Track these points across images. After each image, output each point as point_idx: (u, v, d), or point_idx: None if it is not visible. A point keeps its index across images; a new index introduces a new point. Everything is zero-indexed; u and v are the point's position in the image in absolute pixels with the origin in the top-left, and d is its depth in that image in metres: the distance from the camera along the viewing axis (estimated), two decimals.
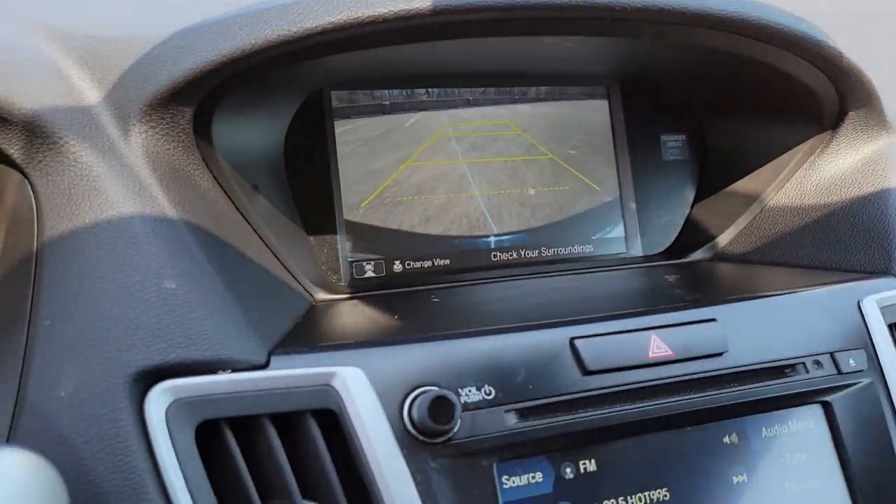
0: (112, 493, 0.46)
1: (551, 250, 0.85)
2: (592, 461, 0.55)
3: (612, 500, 0.55)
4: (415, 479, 0.50)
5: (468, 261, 0.82)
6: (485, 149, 0.84)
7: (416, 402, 0.52)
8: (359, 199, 0.79)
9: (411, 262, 0.80)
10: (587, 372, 0.56)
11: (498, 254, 0.83)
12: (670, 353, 0.58)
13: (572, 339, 0.57)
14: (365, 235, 0.79)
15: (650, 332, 0.59)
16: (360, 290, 0.75)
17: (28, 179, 0.55)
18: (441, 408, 0.50)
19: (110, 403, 0.48)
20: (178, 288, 0.52)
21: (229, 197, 0.65)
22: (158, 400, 0.49)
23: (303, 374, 0.52)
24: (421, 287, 0.76)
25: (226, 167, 0.65)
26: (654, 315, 0.60)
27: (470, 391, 0.54)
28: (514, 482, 0.53)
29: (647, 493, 0.56)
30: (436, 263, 0.81)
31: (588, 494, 0.54)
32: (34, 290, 0.52)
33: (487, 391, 0.54)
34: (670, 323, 0.60)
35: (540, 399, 0.55)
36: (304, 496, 0.50)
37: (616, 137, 0.89)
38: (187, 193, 0.59)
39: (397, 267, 0.80)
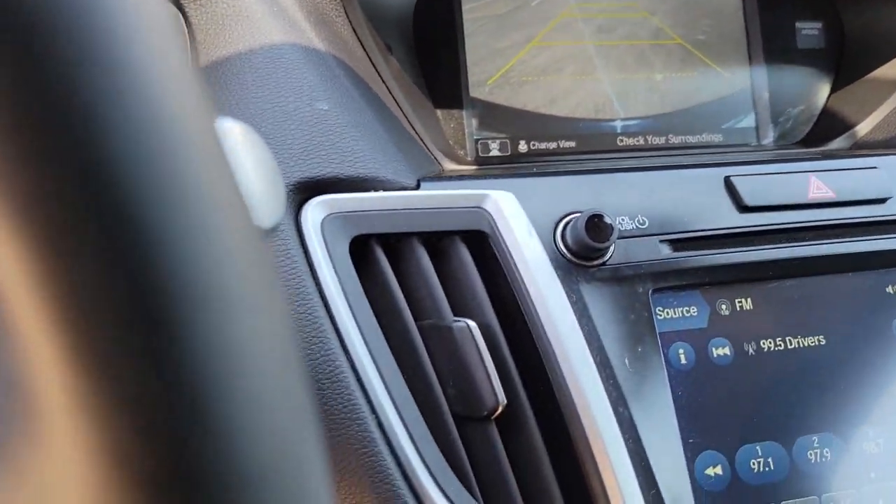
0: None
1: (679, 138, 0.82)
2: (748, 300, 0.53)
3: (768, 341, 0.53)
4: (570, 300, 0.49)
5: (594, 144, 0.80)
6: (612, 31, 0.82)
7: (571, 224, 0.50)
8: (485, 77, 0.78)
9: (536, 143, 0.79)
10: (744, 208, 0.54)
11: (624, 138, 0.81)
12: (831, 194, 0.55)
13: (728, 176, 0.55)
14: (491, 114, 0.78)
15: (809, 174, 0.56)
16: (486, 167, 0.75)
17: (182, 11, 0.56)
18: (598, 226, 0.49)
19: None
20: (330, 110, 0.52)
21: (365, 50, 0.64)
22: (314, 212, 0.49)
23: (454, 194, 0.51)
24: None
25: (362, 19, 0.65)
26: (813, 161, 0.57)
27: (623, 220, 0.52)
28: (668, 314, 0.51)
29: (802, 339, 0.54)
30: (561, 145, 0.79)
31: (742, 332, 0.52)
32: None
33: (641, 221, 0.52)
34: (830, 168, 0.57)
35: (695, 232, 0.53)
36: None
37: (748, 23, 0.85)
38: (330, 35, 0.59)
39: (522, 147, 0.78)
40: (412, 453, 0.45)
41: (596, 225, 0.49)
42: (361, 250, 0.50)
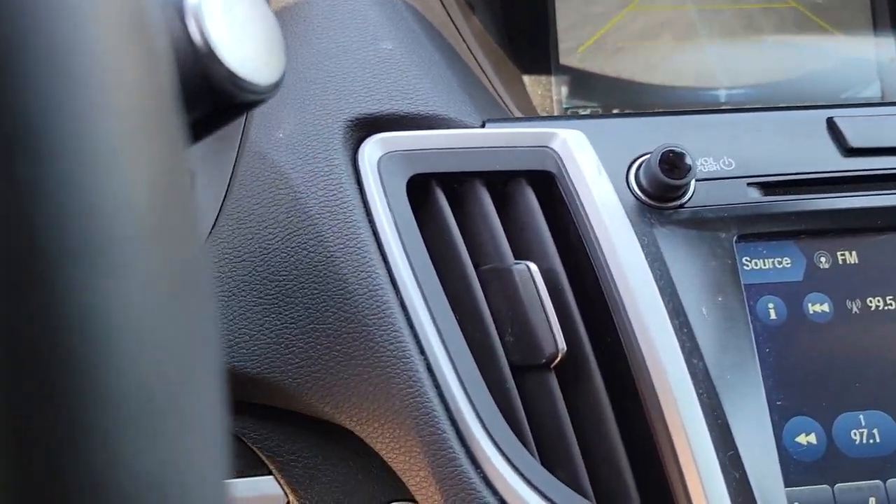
0: (326, 229, 0.45)
1: None
2: (853, 253, 0.47)
3: (876, 299, 0.46)
4: (641, 243, 0.45)
5: None
6: None
7: (645, 163, 0.46)
8: (576, 44, 0.74)
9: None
10: (849, 151, 0.48)
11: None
12: None
13: (831, 117, 0.49)
14: (581, 82, 0.74)
15: None
16: None
17: None
18: (673, 161, 0.44)
19: (326, 143, 0.47)
20: (394, 49, 0.51)
21: (444, 7, 0.63)
22: (372, 150, 0.47)
23: (520, 133, 0.48)
24: None
25: None
26: None
27: (706, 161, 0.47)
28: (756, 264, 0.46)
29: None
30: None
31: (845, 288, 0.46)
32: None
33: (727, 162, 0.47)
34: None
35: (790, 175, 0.47)
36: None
37: None
38: None
39: None
40: (460, 396, 0.42)
41: (671, 160, 0.44)
42: (421, 193, 0.48)
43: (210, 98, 0.27)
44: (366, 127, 0.48)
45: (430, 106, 0.49)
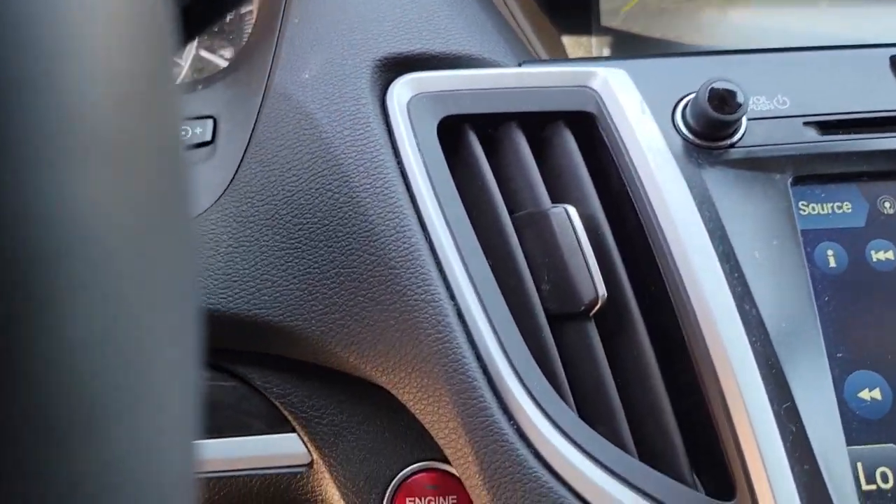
0: (352, 169, 0.43)
1: None
2: None
3: None
4: (689, 184, 0.42)
5: None
6: None
7: (692, 100, 0.43)
8: (619, 4, 0.71)
9: None
10: None
11: None
12: None
13: (894, 56, 0.45)
14: (623, 43, 0.71)
15: None
16: None
17: None
18: (722, 96, 0.41)
19: (354, 84, 0.45)
20: None
21: None
22: (402, 91, 0.45)
23: (558, 72, 0.46)
24: None
25: None
26: None
27: (759, 99, 0.44)
28: (814, 209, 0.43)
29: None
30: None
31: None
32: (286, 1, 0.51)
33: (781, 101, 0.44)
34: None
35: (851, 114, 0.44)
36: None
37: None
38: None
39: None
40: (492, 343, 0.39)
41: (720, 95, 0.41)
42: (453, 138, 0.46)
43: None
44: (395, 67, 0.46)
45: (463, 46, 0.46)
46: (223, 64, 0.67)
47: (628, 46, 0.70)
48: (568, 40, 0.70)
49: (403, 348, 0.40)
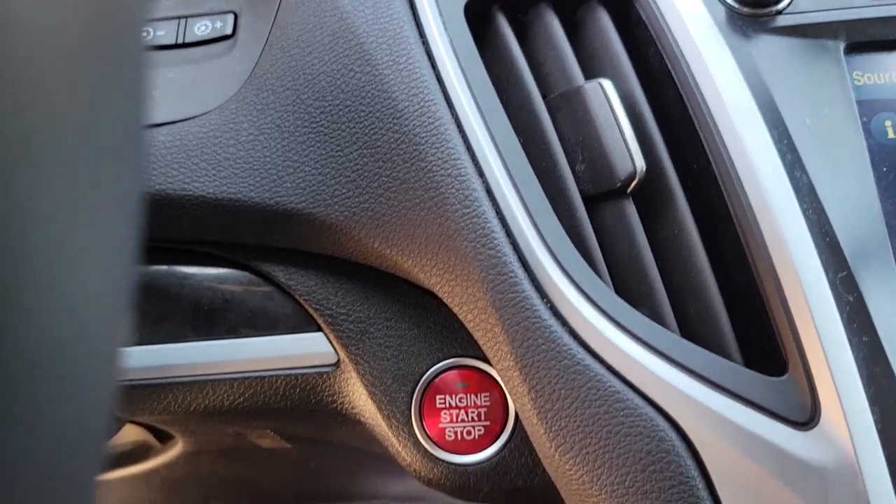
0: (374, 47, 0.41)
1: None
2: None
3: None
4: (734, 55, 0.39)
5: None
6: None
7: None
8: None
9: None
10: None
11: None
12: None
13: None
14: None
15: None
16: None
17: None
18: None
19: None
20: None
21: None
22: None
23: None
24: None
25: None
26: None
27: None
28: (870, 78, 0.40)
29: None
30: None
31: None
32: None
33: None
34: None
35: None
36: None
37: None
38: None
39: None
40: (523, 219, 0.37)
41: None
42: (482, 25, 0.43)
43: None
44: None
45: None
46: None
47: None
48: None
49: (430, 227, 0.38)
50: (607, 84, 0.39)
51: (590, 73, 0.42)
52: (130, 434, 0.66)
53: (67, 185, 0.15)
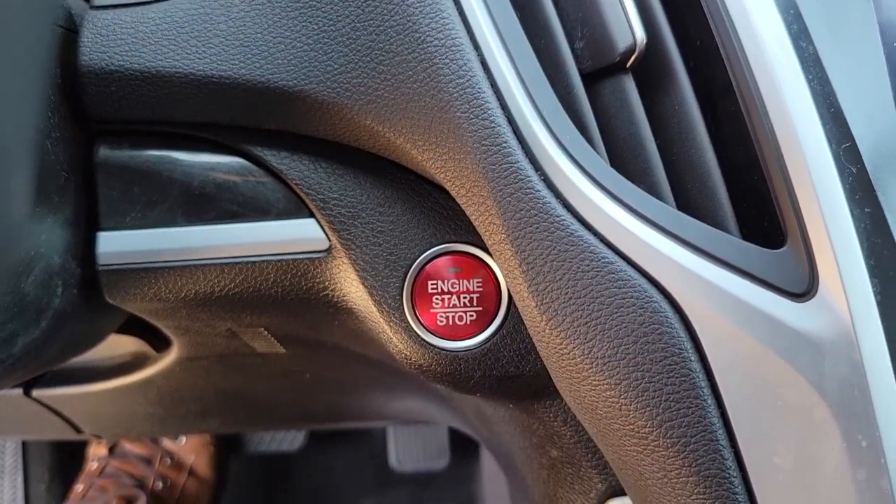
0: None
1: None
2: None
3: None
4: None
5: None
6: None
7: None
8: None
9: None
10: None
11: None
12: None
13: None
14: None
15: None
16: None
17: None
18: None
19: None
20: None
21: None
22: None
23: None
24: None
25: None
26: None
27: None
28: None
29: None
30: None
31: None
32: None
33: None
34: None
35: None
36: None
37: None
38: None
39: None
40: (518, 89, 0.36)
41: None
42: None
43: None
44: None
45: None
46: None
47: None
48: None
49: (423, 99, 0.37)
50: None
51: None
52: (127, 345, 0.66)
53: None
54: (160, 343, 0.63)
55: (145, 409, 0.73)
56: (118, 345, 0.66)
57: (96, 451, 1.22)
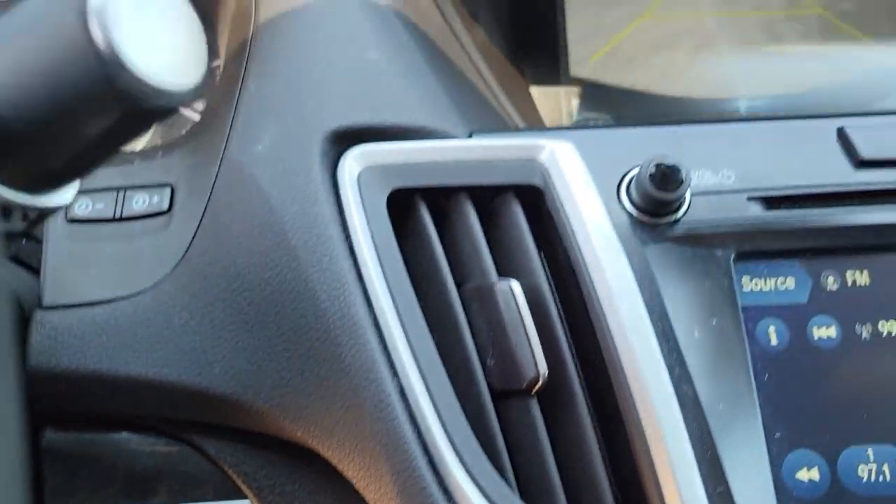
0: (300, 245, 0.43)
1: None
2: (864, 273, 0.43)
3: (888, 324, 0.43)
4: (630, 261, 0.42)
5: None
6: (737, 1, 0.74)
7: (635, 178, 0.44)
8: (588, 54, 0.72)
9: None
10: (860, 163, 0.44)
11: None
12: None
13: (841, 127, 0.46)
14: (593, 93, 0.72)
15: None
16: None
17: None
18: (664, 174, 0.42)
19: (304, 157, 0.45)
20: (379, 59, 0.49)
21: (444, 18, 0.61)
22: (352, 164, 0.45)
23: (506, 145, 0.46)
24: None
25: None
26: None
27: (703, 173, 0.45)
28: (756, 285, 0.43)
29: None
30: None
31: (854, 312, 0.43)
32: (246, 66, 0.51)
33: (726, 175, 0.45)
34: None
35: (795, 188, 0.44)
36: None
37: None
38: None
39: None
40: (434, 422, 0.40)
41: (662, 172, 0.42)
42: (405, 208, 0.46)
43: (117, 105, 0.25)
44: (346, 139, 0.46)
45: (414, 117, 0.47)
46: (196, 118, 0.68)
47: (598, 96, 0.71)
48: (537, 91, 0.71)
49: (347, 426, 0.41)
50: (516, 287, 0.42)
51: (503, 265, 0.45)
52: None
53: None
54: None
55: None
56: None
57: None
